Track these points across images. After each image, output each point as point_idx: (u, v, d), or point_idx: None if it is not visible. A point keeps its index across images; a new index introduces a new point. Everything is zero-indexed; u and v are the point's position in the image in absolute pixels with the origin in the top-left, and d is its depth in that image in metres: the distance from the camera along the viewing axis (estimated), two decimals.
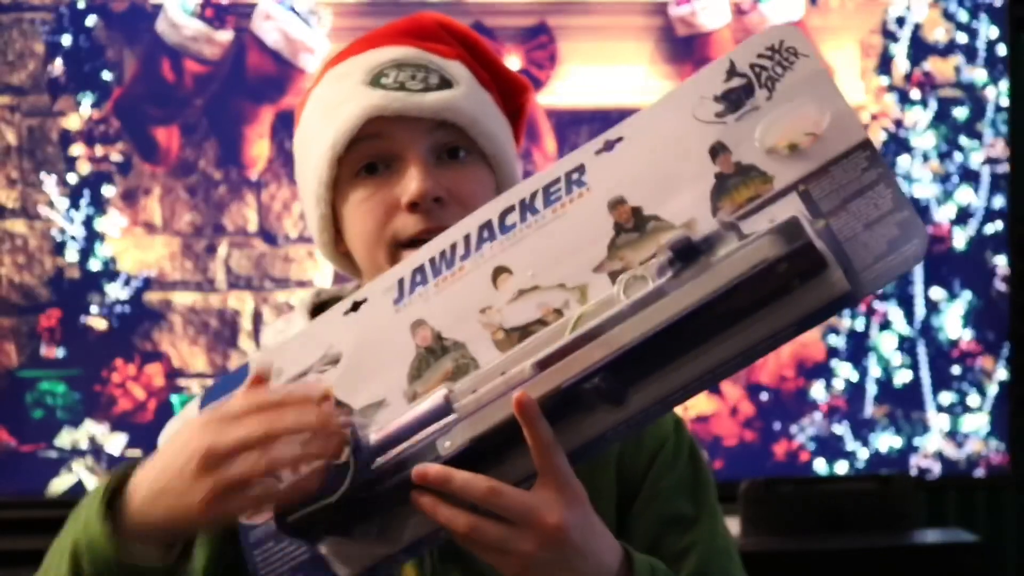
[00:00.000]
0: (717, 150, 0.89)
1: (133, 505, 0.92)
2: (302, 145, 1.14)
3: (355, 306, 0.95)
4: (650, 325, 0.86)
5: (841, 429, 3.01)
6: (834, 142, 0.88)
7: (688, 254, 0.87)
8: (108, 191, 2.89)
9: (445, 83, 1.09)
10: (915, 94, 3.02)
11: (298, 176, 1.15)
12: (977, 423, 3.03)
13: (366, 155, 1.07)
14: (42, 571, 0.98)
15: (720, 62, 0.91)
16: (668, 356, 0.88)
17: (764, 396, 2.99)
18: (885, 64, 3.02)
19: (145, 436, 2.85)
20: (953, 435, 3.02)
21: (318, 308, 1.16)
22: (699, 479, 1.13)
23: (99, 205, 2.89)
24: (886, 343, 3.01)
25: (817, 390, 3.00)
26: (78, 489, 2.81)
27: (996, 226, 3.03)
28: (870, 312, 3.01)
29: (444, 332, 0.92)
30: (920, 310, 3.02)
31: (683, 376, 0.88)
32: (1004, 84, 3.03)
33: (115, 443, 2.86)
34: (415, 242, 1.04)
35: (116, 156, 2.89)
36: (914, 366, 3.02)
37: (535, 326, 0.91)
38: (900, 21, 3.02)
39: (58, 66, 2.88)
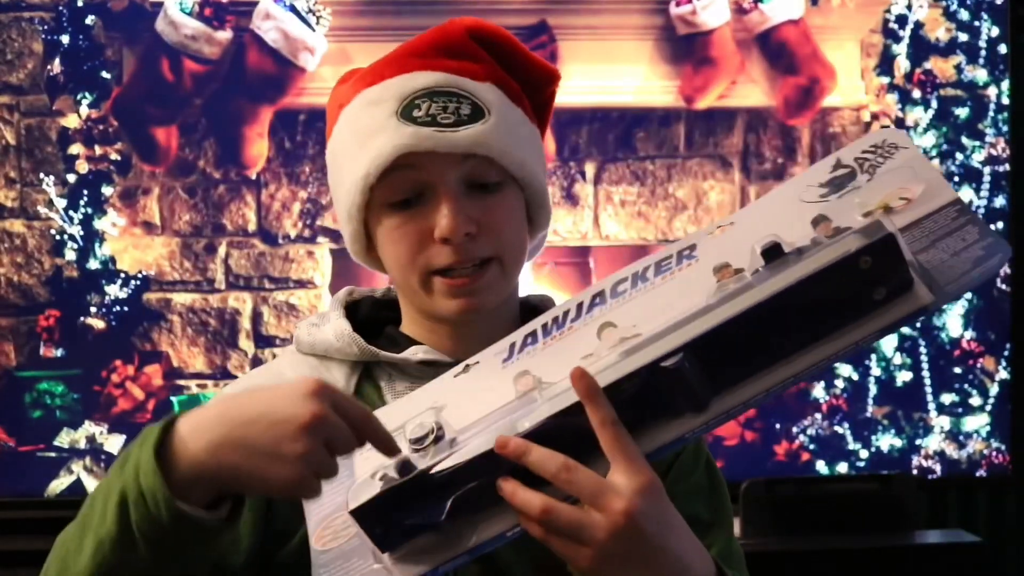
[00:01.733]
0: (818, 220, 0.95)
1: (191, 453, 0.90)
2: (334, 161, 1.15)
3: (466, 368, 1.01)
4: (735, 310, 0.90)
5: (842, 429, 3.01)
6: (926, 203, 0.95)
7: (776, 255, 0.92)
8: (107, 191, 2.88)
9: (477, 112, 1.09)
10: (916, 93, 3.02)
11: (332, 187, 1.16)
12: (978, 423, 3.02)
13: (398, 188, 1.08)
14: (80, 520, 0.97)
15: (828, 159, 0.99)
16: (752, 365, 0.91)
17: None
18: (886, 63, 3.02)
19: None
20: (954, 435, 3.02)
21: (352, 306, 1.19)
22: (715, 486, 1.15)
23: (98, 205, 2.88)
24: (887, 343, 3.00)
25: (818, 390, 3.00)
26: (77, 489, 2.80)
27: (997, 226, 3.03)
28: None
29: (544, 377, 0.95)
30: None
31: (766, 383, 0.92)
32: (1005, 83, 3.03)
33: (114, 443, 2.86)
34: (448, 270, 1.08)
35: (115, 156, 2.89)
36: (915, 366, 3.02)
37: None
38: (901, 20, 3.02)
39: (57, 65, 2.88)
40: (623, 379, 0.90)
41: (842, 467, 3.00)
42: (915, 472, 2.99)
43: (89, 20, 2.88)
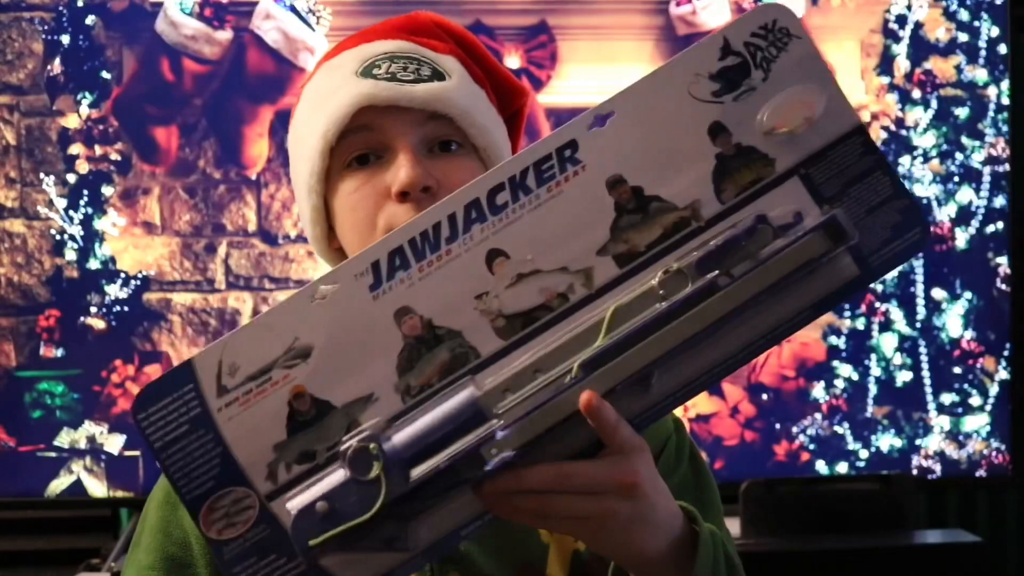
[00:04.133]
0: (716, 130, 0.89)
1: None
2: (295, 138, 1.14)
3: (322, 289, 0.89)
4: (706, 322, 0.86)
5: (842, 429, 3.00)
6: (830, 127, 0.89)
7: (731, 248, 0.87)
8: (107, 191, 2.88)
9: (437, 75, 1.09)
10: (916, 93, 3.02)
11: (292, 171, 1.15)
12: (978, 423, 3.02)
13: (357, 146, 1.07)
14: None
15: (713, 39, 0.90)
16: (690, 344, 0.87)
17: (765, 396, 2.99)
18: (886, 63, 3.02)
19: None
20: (954, 435, 3.02)
21: None
22: (701, 480, 1.13)
23: (98, 205, 2.88)
24: (887, 343, 3.00)
25: (818, 390, 3.00)
26: (77, 489, 2.80)
27: (997, 226, 3.03)
28: (871, 312, 3.01)
29: (436, 320, 0.87)
30: (921, 310, 3.02)
31: (705, 360, 0.88)
32: (1005, 83, 3.03)
33: (114, 443, 2.85)
34: None
35: (115, 156, 2.89)
36: (915, 366, 3.02)
37: (539, 311, 0.88)
38: (901, 20, 3.02)
39: (57, 65, 2.88)
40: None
41: (842, 467, 3.00)
42: (915, 472, 2.99)
43: (89, 20, 2.88)
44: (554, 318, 0.88)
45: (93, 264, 2.88)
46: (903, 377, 3.01)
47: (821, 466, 3.00)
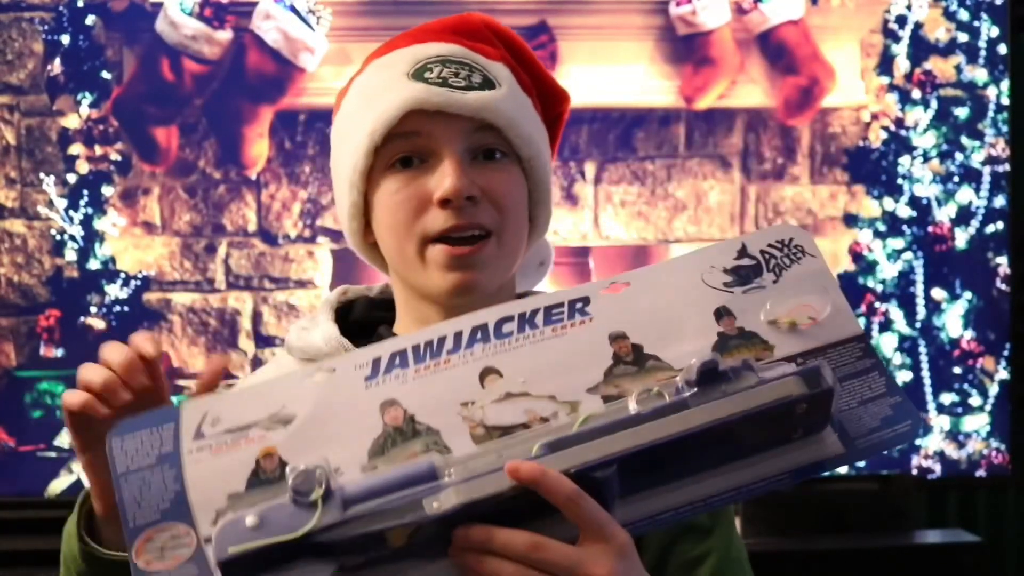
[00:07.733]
0: (722, 313, 0.93)
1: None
2: (340, 131, 1.14)
3: (321, 371, 0.93)
4: (673, 430, 0.87)
5: None
6: (832, 330, 0.93)
7: (712, 377, 0.89)
8: (107, 191, 2.88)
9: (488, 83, 1.09)
10: (916, 94, 3.02)
11: (333, 163, 1.15)
12: (978, 423, 3.02)
13: (403, 149, 1.07)
14: None
15: (731, 242, 0.96)
16: (664, 476, 0.89)
17: None
18: (886, 63, 3.02)
19: None
20: (954, 435, 3.02)
21: (344, 308, 1.17)
22: None
23: (98, 205, 2.88)
24: (887, 343, 3.00)
25: None
26: (77, 489, 2.80)
27: (997, 226, 3.03)
28: (871, 312, 3.01)
29: (418, 416, 0.89)
30: (921, 310, 3.02)
31: (673, 499, 0.89)
32: (1005, 83, 3.03)
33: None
34: (445, 238, 1.05)
35: (115, 156, 2.89)
36: (915, 366, 3.02)
37: (518, 429, 0.89)
38: (901, 20, 3.02)
39: (57, 66, 2.88)
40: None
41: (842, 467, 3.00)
42: (915, 472, 2.99)
43: (89, 20, 2.88)
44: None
45: (93, 264, 2.88)
46: (903, 377, 3.01)
47: None
